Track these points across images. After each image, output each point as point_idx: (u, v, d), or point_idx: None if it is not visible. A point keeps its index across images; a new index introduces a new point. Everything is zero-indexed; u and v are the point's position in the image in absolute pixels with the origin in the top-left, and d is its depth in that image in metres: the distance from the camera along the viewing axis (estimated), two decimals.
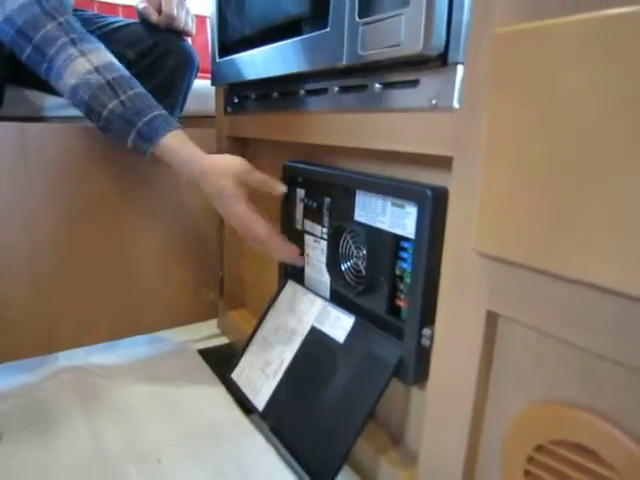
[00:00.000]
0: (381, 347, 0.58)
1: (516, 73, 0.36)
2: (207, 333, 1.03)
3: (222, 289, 1.02)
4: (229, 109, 0.89)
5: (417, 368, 0.55)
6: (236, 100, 0.86)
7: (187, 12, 0.97)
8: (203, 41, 1.38)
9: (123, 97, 0.67)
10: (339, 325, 0.66)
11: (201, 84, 1.05)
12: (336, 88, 0.59)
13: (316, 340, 0.68)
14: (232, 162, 0.69)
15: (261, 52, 0.70)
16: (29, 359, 0.85)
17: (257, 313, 0.96)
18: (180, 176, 0.72)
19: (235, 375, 0.77)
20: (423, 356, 0.55)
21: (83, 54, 0.69)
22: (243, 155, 0.94)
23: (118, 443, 0.67)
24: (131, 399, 0.78)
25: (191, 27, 0.98)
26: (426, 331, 0.50)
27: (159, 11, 0.90)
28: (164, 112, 0.70)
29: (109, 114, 0.67)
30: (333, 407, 0.60)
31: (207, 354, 0.95)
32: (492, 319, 0.44)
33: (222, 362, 0.90)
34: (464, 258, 0.45)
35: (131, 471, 0.62)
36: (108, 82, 0.67)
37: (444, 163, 0.51)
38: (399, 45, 0.45)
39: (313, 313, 0.71)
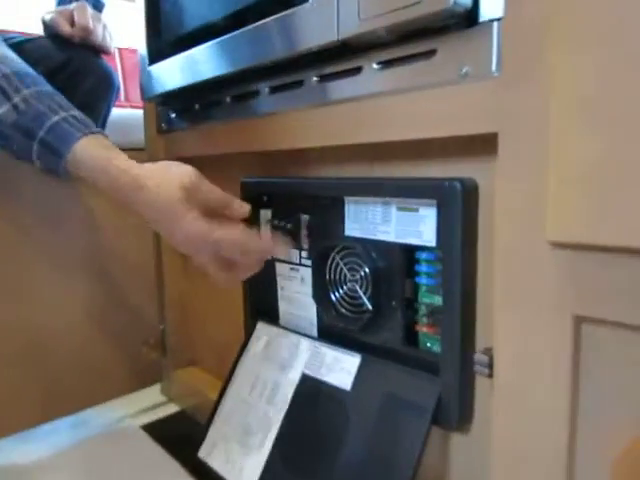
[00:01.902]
0: (407, 388, 0.47)
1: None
2: (149, 403, 0.84)
3: (165, 345, 0.84)
4: (164, 126, 0.75)
5: (461, 407, 0.44)
6: (173, 115, 0.73)
7: (104, 27, 0.83)
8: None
9: (16, 99, 0.50)
10: (340, 368, 0.53)
11: (122, 113, 0.93)
12: (314, 78, 0.49)
13: (312, 392, 0.54)
14: (179, 170, 0.50)
15: (214, 45, 0.58)
16: None
17: (214, 369, 0.80)
18: (107, 196, 0.50)
19: (204, 453, 0.60)
20: (468, 391, 0.44)
21: None
22: None
23: None
24: None
25: (109, 43, 0.85)
26: (480, 357, 0.39)
27: (71, 23, 0.76)
28: (78, 113, 0.53)
29: None
30: (356, 477, 0.46)
31: (154, 430, 0.76)
32: (577, 326, 0.34)
33: (176, 438, 0.73)
34: (528, 256, 0.35)
35: None
36: None
37: (465, 149, 0.42)
38: (419, 2, 0.36)
39: (301, 358, 0.57)
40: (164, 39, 0.69)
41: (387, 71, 0.43)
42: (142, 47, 0.70)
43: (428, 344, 0.48)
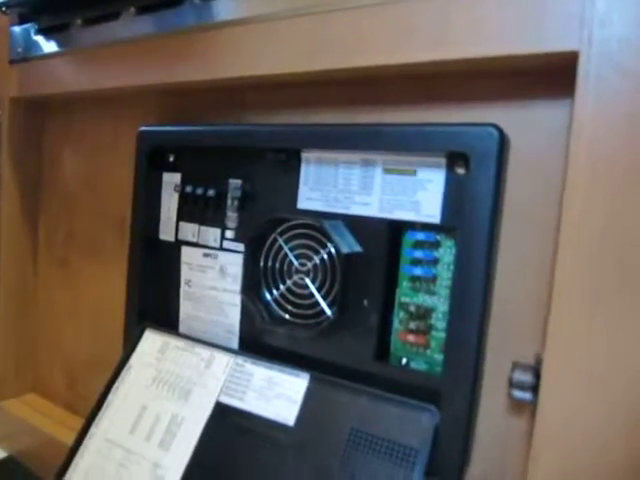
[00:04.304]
0: (384, 421, 0.33)
1: None
2: None
3: None
4: (20, 52, 0.53)
5: (465, 448, 0.31)
6: (37, 35, 0.51)
7: None
8: None
9: None
10: (277, 394, 0.37)
11: None
12: None
13: (232, 430, 0.37)
14: None
15: None
16: None
17: (64, 397, 0.58)
18: None
19: None
20: (473, 425, 0.32)
21: None
22: (42, 129, 0.59)
23: None
24: None
25: None
26: (521, 376, 0.27)
27: None
28: None
29: None
30: None
31: None
32: None
33: None
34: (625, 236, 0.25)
35: None
36: None
37: (484, 88, 0.32)
38: None
39: (214, 380, 0.40)
40: None
41: None
42: None
43: (404, 359, 0.36)
